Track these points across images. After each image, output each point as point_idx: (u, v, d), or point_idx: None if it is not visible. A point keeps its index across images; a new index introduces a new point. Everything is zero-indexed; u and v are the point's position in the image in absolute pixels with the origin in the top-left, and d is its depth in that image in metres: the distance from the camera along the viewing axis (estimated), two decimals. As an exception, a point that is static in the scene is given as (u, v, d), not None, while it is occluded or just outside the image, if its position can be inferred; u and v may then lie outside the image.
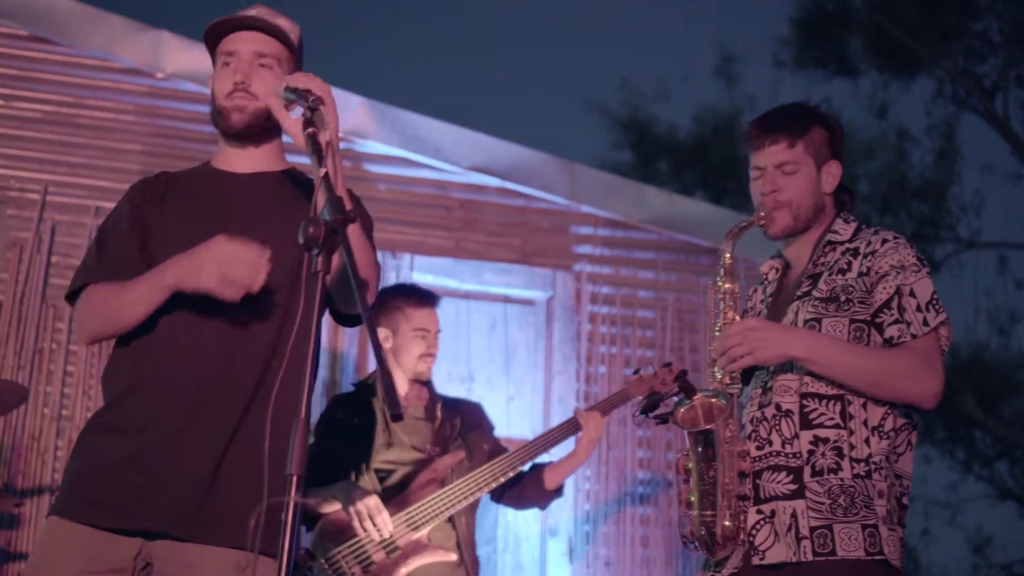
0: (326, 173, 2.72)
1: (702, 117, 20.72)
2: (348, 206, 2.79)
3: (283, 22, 3.34)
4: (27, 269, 6.21)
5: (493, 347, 6.70)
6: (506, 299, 6.80)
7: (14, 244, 6.23)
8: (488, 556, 6.17)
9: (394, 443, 4.74)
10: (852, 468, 3.19)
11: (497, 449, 4.90)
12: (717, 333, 3.41)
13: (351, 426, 4.79)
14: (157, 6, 7.16)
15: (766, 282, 3.61)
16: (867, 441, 3.22)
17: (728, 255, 3.47)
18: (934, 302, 3.26)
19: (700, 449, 3.28)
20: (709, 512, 3.27)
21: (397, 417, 2.42)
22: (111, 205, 6.06)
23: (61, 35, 6.50)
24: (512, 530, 6.29)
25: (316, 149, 2.81)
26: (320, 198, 2.67)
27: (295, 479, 2.44)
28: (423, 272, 6.48)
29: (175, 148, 6.49)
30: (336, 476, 4.62)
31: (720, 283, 3.47)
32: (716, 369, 3.38)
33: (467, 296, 6.72)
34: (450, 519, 4.67)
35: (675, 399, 3.51)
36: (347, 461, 4.69)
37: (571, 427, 4.89)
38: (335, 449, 4.71)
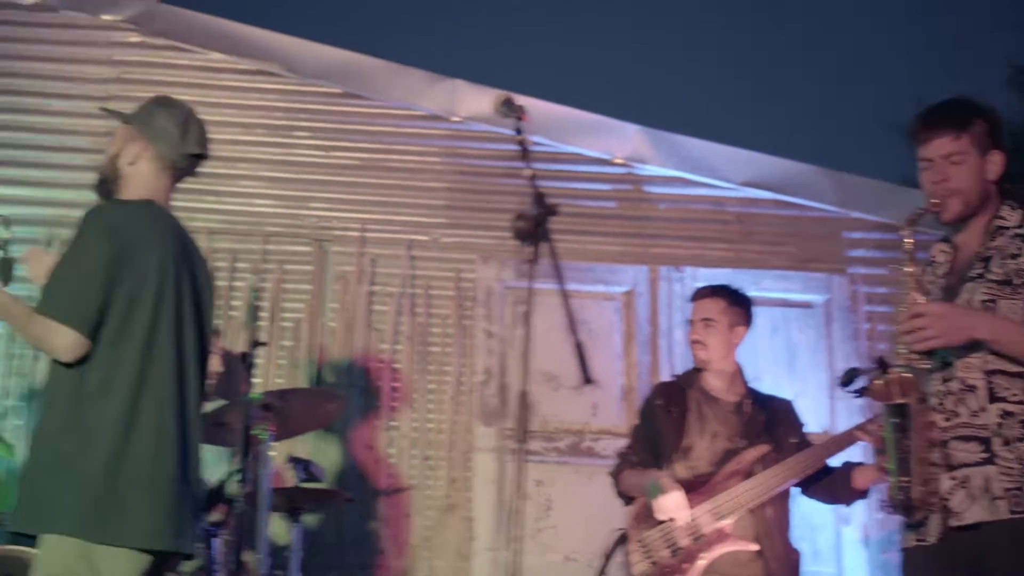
0: (532, 174, 3.21)
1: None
2: None
3: None
4: (352, 299, 7.01)
5: (776, 349, 7.12)
6: (785, 303, 7.23)
7: (340, 277, 7.04)
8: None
9: (704, 432, 5.02)
10: None
11: (804, 444, 5.05)
12: (903, 309, 3.63)
13: (666, 412, 5.10)
14: (447, 57, 7.89)
15: (934, 263, 3.84)
16: None
17: (909, 240, 3.66)
18: None
19: (895, 420, 3.55)
20: (905, 479, 3.53)
21: (587, 381, 2.91)
22: (423, 239, 6.94)
23: (368, 90, 7.30)
24: (807, 519, 6.66)
25: (524, 155, 3.29)
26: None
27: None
28: (706, 283, 6.96)
29: (476, 183, 7.27)
30: (652, 457, 5.04)
31: (905, 266, 3.67)
32: (902, 346, 3.61)
33: (749, 303, 7.17)
34: (751, 510, 4.86)
35: (871, 373, 3.70)
36: (661, 445, 5.05)
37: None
38: (650, 432, 5.12)
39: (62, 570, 3.34)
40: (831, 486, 4.99)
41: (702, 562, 4.81)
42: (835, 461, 4.97)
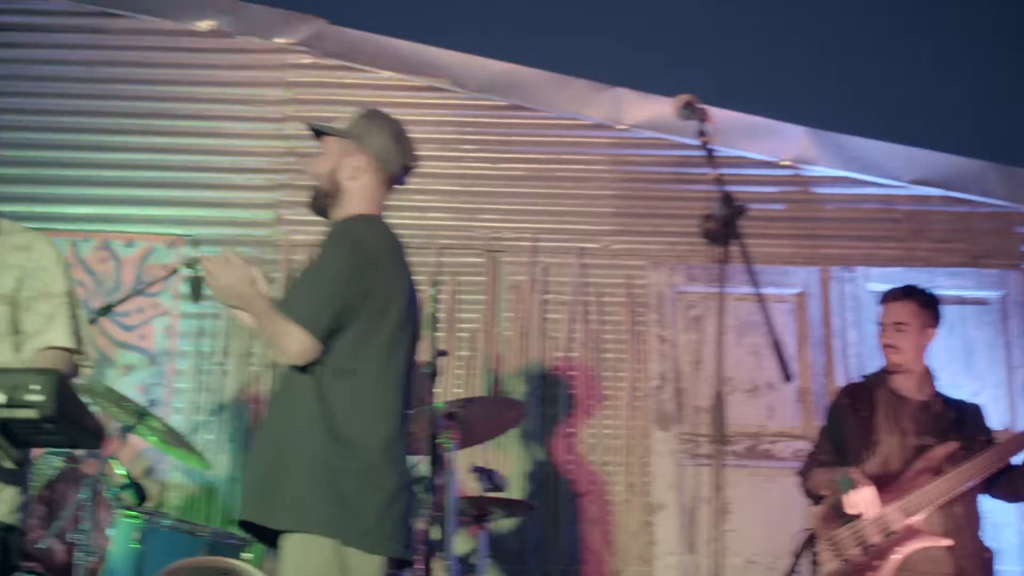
0: (718, 176, 3.25)
1: None
2: None
3: None
4: (526, 308, 7.14)
5: (952, 347, 7.06)
6: (960, 301, 7.17)
7: (513, 287, 7.18)
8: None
9: (894, 430, 5.06)
10: None
11: (991, 443, 5.04)
12: None
13: (854, 412, 5.16)
14: (613, 66, 7.93)
15: None
16: None
17: None
18: None
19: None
20: None
21: (787, 378, 2.93)
22: (593, 246, 7.05)
23: (534, 101, 7.44)
24: (990, 518, 6.60)
25: (709, 157, 3.33)
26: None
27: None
28: (878, 282, 6.93)
29: (643, 190, 7.37)
30: (839, 456, 5.10)
31: None
32: None
33: (923, 301, 7.14)
34: (940, 507, 4.88)
35: None
36: (848, 444, 5.11)
37: None
38: (837, 432, 5.18)
39: (318, 570, 3.44)
40: (1015, 484, 5.00)
41: (897, 556, 4.83)
42: (1018, 459, 4.97)
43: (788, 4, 8.54)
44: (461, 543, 6.04)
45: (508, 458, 6.88)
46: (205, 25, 7.53)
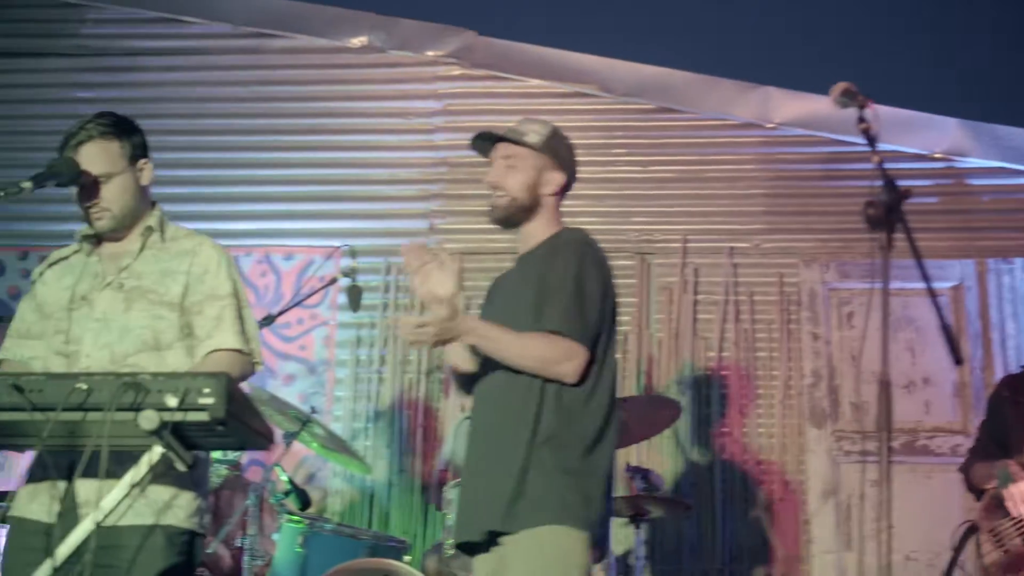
0: (880, 160, 3.20)
1: None
2: None
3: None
4: (677, 308, 7.16)
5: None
6: None
7: (664, 288, 7.21)
8: None
9: None
10: None
11: None
12: None
13: (1014, 404, 5.07)
14: (760, 64, 7.94)
15: None
16: None
17: None
18: None
19: None
20: None
21: (958, 362, 2.93)
22: (744, 245, 7.04)
23: (683, 103, 7.47)
24: None
25: (870, 142, 3.30)
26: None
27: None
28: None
29: (793, 188, 7.36)
30: (1001, 449, 5.00)
31: None
32: None
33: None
34: None
35: None
36: (1012, 436, 5.01)
37: None
38: (998, 425, 5.09)
39: (582, 560, 3.54)
40: None
41: None
42: None
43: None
44: (618, 542, 6.10)
45: (663, 458, 6.91)
46: (358, 42, 7.74)
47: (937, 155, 7.26)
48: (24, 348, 3.65)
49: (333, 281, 6.21)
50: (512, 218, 3.88)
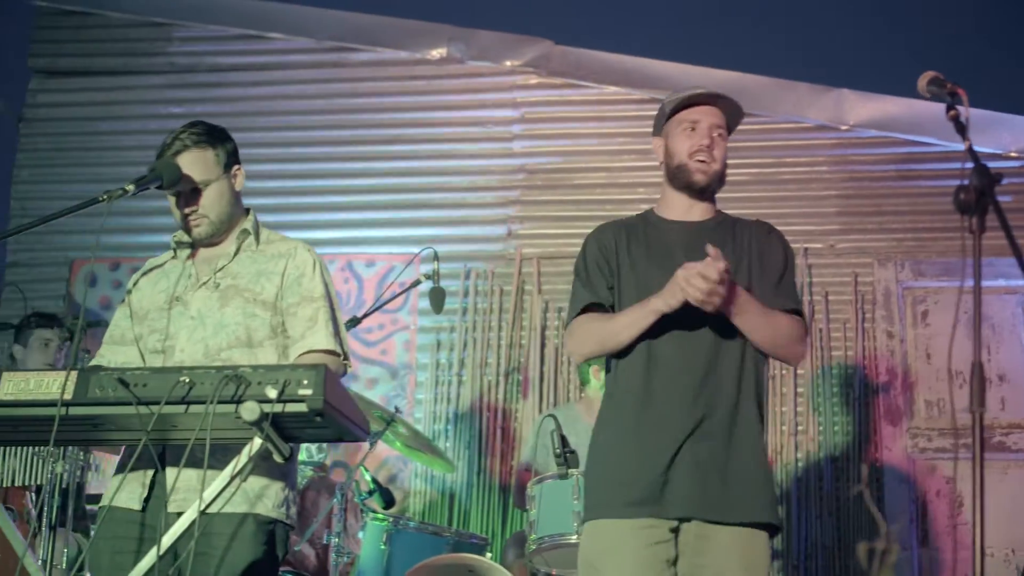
0: (970, 144, 3.21)
1: None
2: None
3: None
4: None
5: None
6: None
7: (740, 290, 7.27)
8: None
9: None
10: None
11: None
12: None
13: None
14: (834, 66, 8.00)
15: None
16: None
17: None
18: None
19: None
20: None
21: None
22: (818, 246, 7.10)
23: (757, 107, 7.52)
24: None
25: (960, 129, 3.31)
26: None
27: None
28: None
29: (867, 188, 7.41)
30: None
31: None
32: None
33: None
34: None
35: None
36: None
37: None
38: None
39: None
40: None
41: None
42: None
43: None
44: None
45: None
46: (437, 53, 7.91)
47: (1012, 154, 7.27)
48: (118, 354, 3.75)
49: (416, 283, 6.35)
50: (712, 188, 3.87)
